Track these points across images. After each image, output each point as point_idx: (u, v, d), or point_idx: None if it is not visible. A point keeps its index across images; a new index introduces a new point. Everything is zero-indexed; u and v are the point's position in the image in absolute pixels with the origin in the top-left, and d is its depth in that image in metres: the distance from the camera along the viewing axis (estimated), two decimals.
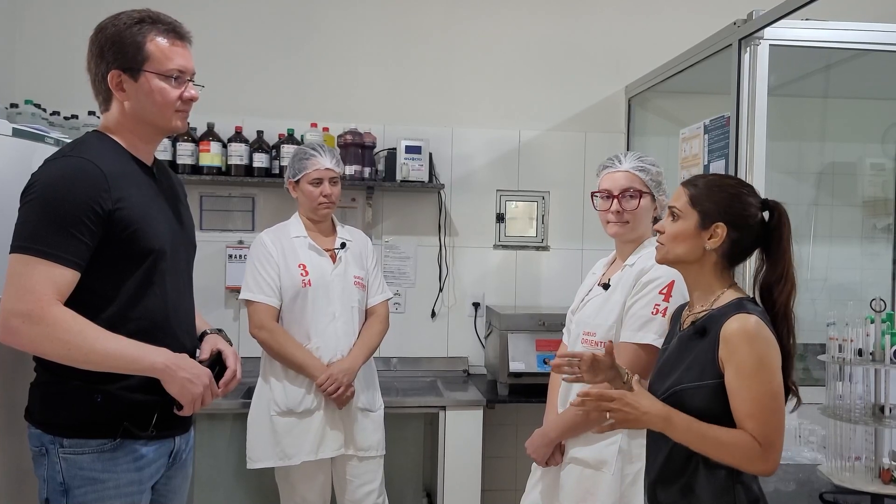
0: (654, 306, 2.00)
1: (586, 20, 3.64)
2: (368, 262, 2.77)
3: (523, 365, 3.09)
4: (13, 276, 1.51)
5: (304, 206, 2.68)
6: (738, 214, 1.59)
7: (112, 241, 1.57)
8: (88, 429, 1.60)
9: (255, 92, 3.46)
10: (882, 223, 3.08)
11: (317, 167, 2.61)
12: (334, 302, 2.61)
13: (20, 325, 1.50)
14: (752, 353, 1.50)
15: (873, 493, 1.97)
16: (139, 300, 1.63)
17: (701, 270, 1.64)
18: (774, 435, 1.49)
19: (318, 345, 2.59)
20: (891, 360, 1.96)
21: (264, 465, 2.61)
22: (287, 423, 2.56)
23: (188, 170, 3.23)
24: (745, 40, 2.45)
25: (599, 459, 2.05)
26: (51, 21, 3.36)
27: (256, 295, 2.59)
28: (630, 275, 2.08)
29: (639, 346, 2.01)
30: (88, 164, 1.56)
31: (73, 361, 1.54)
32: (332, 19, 3.52)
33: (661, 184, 2.15)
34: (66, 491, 1.59)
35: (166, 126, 1.70)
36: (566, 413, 2.12)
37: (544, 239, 3.66)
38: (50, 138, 1.96)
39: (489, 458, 3.25)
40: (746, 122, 2.44)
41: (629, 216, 2.09)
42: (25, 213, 1.54)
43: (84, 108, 3.15)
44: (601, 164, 2.21)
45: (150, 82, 1.63)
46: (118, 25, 1.62)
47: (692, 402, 1.56)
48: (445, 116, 3.58)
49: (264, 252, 2.62)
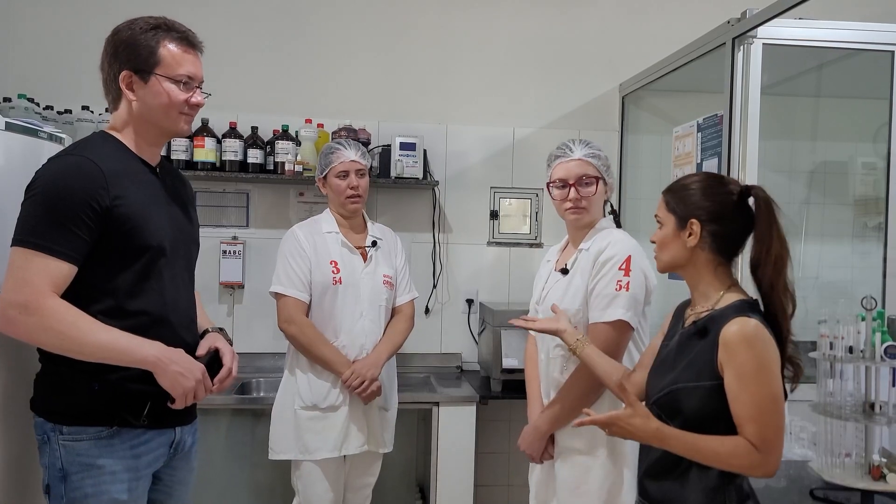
0: (617, 283, 2.05)
1: (580, 18, 3.65)
2: (398, 261, 2.77)
3: (516, 361, 3.10)
4: (13, 268, 1.56)
5: (334, 202, 2.68)
6: (707, 207, 1.61)
7: (110, 236, 1.62)
8: (86, 416, 1.64)
9: (250, 88, 3.45)
10: (873, 222, 3.09)
11: (342, 160, 2.62)
12: (363, 300, 2.61)
13: (17, 316, 1.55)
14: (751, 356, 1.50)
15: (863, 490, 1.98)
16: (137, 295, 1.67)
17: (695, 270, 1.66)
18: (774, 437, 1.49)
19: (345, 342, 2.59)
20: (881, 357, 1.97)
21: (285, 458, 2.61)
22: (311, 418, 2.56)
23: (182, 165, 3.22)
24: (738, 39, 2.46)
25: (591, 445, 2.08)
26: (44, 15, 3.34)
27: (287, 289, 2.58)
28: (587, 259, 2.12)
29: (609, 324, 2.04)
30: (88, 162, 1.61)
31: (68, 351, 1.59)
32: (327, 15, 3.52)
33: (609, 168, 2.22)
34: (65, 477, 1.63)
35: (171, 128, 1.76)
36: (553, 403, 2.14)
37: (538, 236, 3.67)
38: (43, 133, 1.95)
39: (482, 453, 3.26)
40: (739, 121, 2.46)
41: (586, 202, 2.15)
42: (27, 209, 1.59)
43: (77, 102, 3.15)
44: (552, 155, 2.25)
45: (160, 85, 1.69)
46: (134, 29, 1.68)
47: (688, 402, 1.57)
48: (440, 113, 3.59)
49: (297, 246, 2.61)
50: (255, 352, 3.37)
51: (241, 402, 3.04)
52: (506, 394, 3.14)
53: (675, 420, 1.59)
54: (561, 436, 2.15)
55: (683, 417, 1.57)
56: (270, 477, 3.27)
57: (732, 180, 1.68)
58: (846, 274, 3.27)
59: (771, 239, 1.58)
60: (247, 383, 3.20)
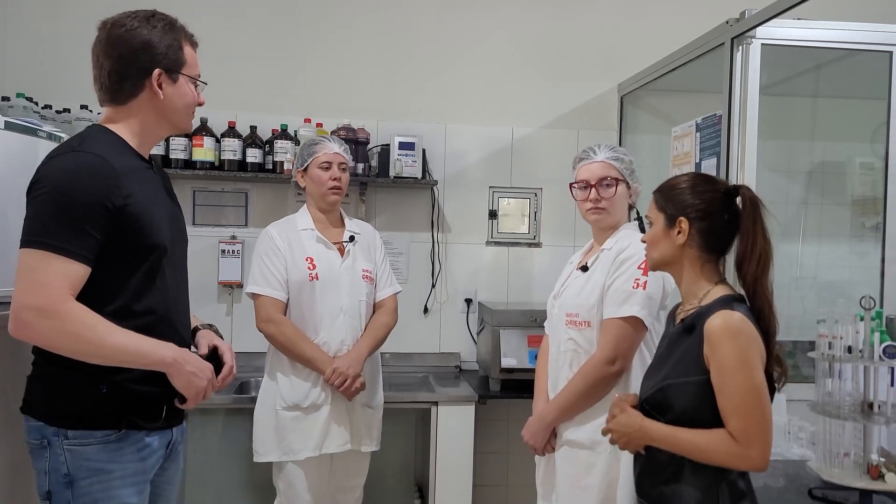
0: (634, 281, 2.08)
1: (580, 18, 3.65)
2: (377, 256, 2.75)
3: (515, 361, 3.10)
4: (26, 270, 1.51)
5: (314, 194, 2.65)
6: (695, 206, 1.64)
7: (120, 236, 1.59)
8: (93, 420, 1.61)
9: (249, 87, 3.45)
10: (871, 222, 3.09)
11: (326, 150, 2.61)
12: (342, 296, 2.59)
13: (33, 319, 1.50)
14: (733, 349, 1.52)
15: (862, 489, 1.98)
16: (143, 295, 1.64)
17: (684, 268, 1.68)
18: (756, 430, 1.50)
19: (326, 339, 2.56)
20: (880, 357, 1.98)
21: (269, 459, 2.59)
22: (293, 418, 2.54)
23: (181, 164, 3.22)
24: (737, 39, 2.47)
25: (593, 440, 2.09)
26: (43, 14, 3.34)
27: (264, 289, 2.56)
28: (608, 257, 2.16)
29: (623, 319, 2.07)
30: (99, 159, 1.57)
31: (84, 355, 1.55)
32: (327, 14, 3.52)
33: (634, 172, 2.25)
34: (72, 482, 1.59)
35: (185, 127, 1.79)
36: (561, 394, 2.15)
37: (536, 235, 3.67)
38: (42, 132, 1.95)
39: (481, 453, 3.26)
40: (738, 121, 2.46)
41: (606, 203, 2.20)
42: (37, 208, 1.54)
43: (76, 101, 3.14)
44: (577, 157, 2.31)
45: (186, 85, 1.71)
46: (157, 27, 1.66)
47: (678, 398, 1.58)
48: (439, 113, 3.59)
49: (271, 245, 2.59)
50: (254, 351, 3.34)
51: (239, 401, 3.04)
52: (504, 393, 3.14)
53: (665, 416, 1.60)
54: (564, 429, 2.17)
55: (674, 413, 1.59)
56: (267, 476, 3.26)
57: (720, 180, 1.72)
58: (844, 274, 3.27)
59: (755, 236, 1.60)
60: (245, 382, 3.19)
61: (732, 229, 1.65)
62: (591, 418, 2.09)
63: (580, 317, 2.15)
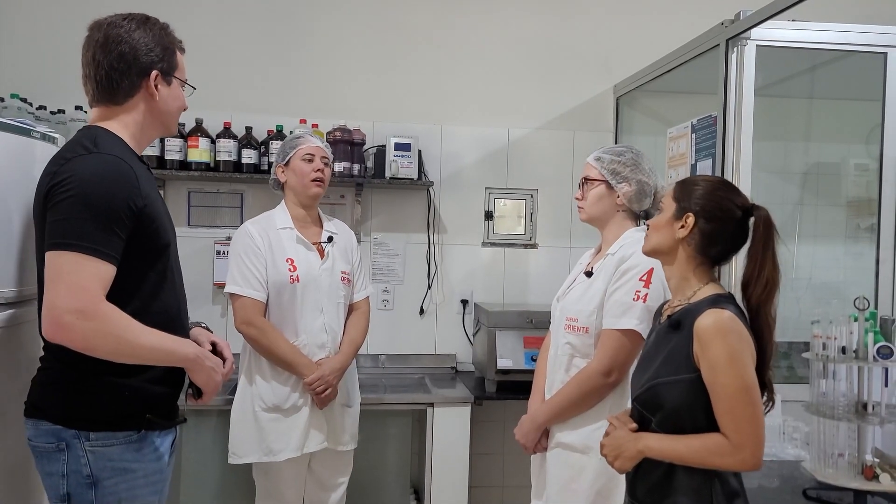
0: (635, 293, 2.06)
1: (575, 20, 3.66)
2: (353, 257, 2.75)
3: (511, 362, 3.10)
4: (63, 273, 1.51)
5: (296, 187, 2.61)
6: (710, 207, 1.62)
7: (139, 237, 1.60)
8: (116, 421, 1.62)
9: (244, 88, 3.45)
10: (866, 223, 3.10)
11: (309, 143, 2.61)
12: (322, 298, 2.58)
13: (75, 322, 1.50)
14: (723, 347, 1.51)
15: (856, 490, 1.99)
16: (158, 294, 1.67)
17: (676, 263, 1.68)
18: (748, 428, 1.50)
19: (306, 341, 2.56)
20: (874, 357, 1.98)
21: (248, 461, 2.59)
22: (273, 420, 2.54)
23: (176, 165, 3.21)
24: (732, 41, 2.47)
25: (586, 444, 2.08)
26: (37, 15, 3.33)
27: (244, 289, 2.53)
28: (611, 263, 2.14)
29: (621, 332, 2.05)
30: (121, 162, 1.59)
31: (120, 356, 1.57)
32: (322, 16, 3.52)
33: (620, 173, 2.18)
34: (95, 483, 1.60)
35: (173, 129, 1.84)
36: (554, 398, 2.15)
37: (532, 237, 3.67)
38: (36, 133, 1.94)
39: (476, 454, 3.26)
40: (733, 122, 2.46)
41: (582, 201, 2.23)
42: (67, 210, 1.53)
43: (70, 102, 3.14)
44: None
45: (178, 88, 1.75)
46: (153, 29, 1.69)
47: (668, 397, 1.58)
48: (435, 114, 3.59)
49: (251, 244, 2.56)
50: None
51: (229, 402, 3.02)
52: (500, 395, 3.14)
53: (656, 415, 1.60)
54: (557, 431, 2.17)
55: (664, 412, 1.59)
56: None
57: (743, 195, 1.68)
58: (839, 275, 3.28)
59: (764, 261, 1.59)
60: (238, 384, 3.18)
61: (735, 244, 1.64)
62: (586, 423, 2.09)
63: (579, 322, 2.14)
